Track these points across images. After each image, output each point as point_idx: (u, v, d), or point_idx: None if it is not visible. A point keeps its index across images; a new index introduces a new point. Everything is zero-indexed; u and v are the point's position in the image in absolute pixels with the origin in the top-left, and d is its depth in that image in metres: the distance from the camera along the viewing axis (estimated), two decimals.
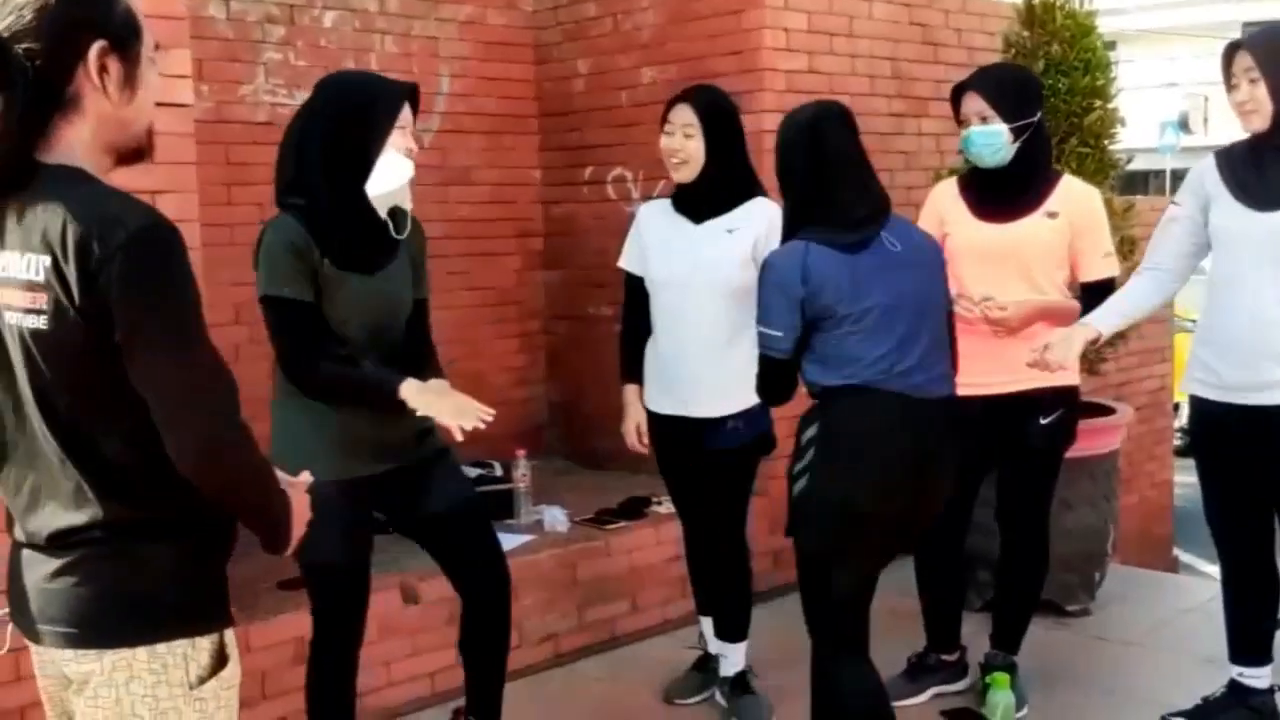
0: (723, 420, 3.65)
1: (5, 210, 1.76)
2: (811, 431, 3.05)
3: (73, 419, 1.78)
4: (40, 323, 1.72)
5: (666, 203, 3.78)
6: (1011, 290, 3.60)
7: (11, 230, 1.75)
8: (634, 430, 3.87)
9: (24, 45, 1.72)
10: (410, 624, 3.98)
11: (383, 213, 2.92)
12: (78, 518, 1.81)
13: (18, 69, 1.71)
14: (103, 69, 1.77)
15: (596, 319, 5.67)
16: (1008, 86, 3.68)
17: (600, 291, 5.60)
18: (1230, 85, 3.36)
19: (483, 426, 2.77)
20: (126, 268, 1.67)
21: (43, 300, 1.71)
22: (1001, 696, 3.70)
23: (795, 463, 3.09)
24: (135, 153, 1.88)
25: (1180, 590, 5.40)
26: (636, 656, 4.43)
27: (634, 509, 4.84)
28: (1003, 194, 3.67)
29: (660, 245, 3.71)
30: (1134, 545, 6.11)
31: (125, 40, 1.80)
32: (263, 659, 3.69)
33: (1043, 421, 3.69)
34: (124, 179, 1.89)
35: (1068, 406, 3.74)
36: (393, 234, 2.96)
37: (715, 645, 3.94)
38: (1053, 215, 3.63)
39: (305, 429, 2.91)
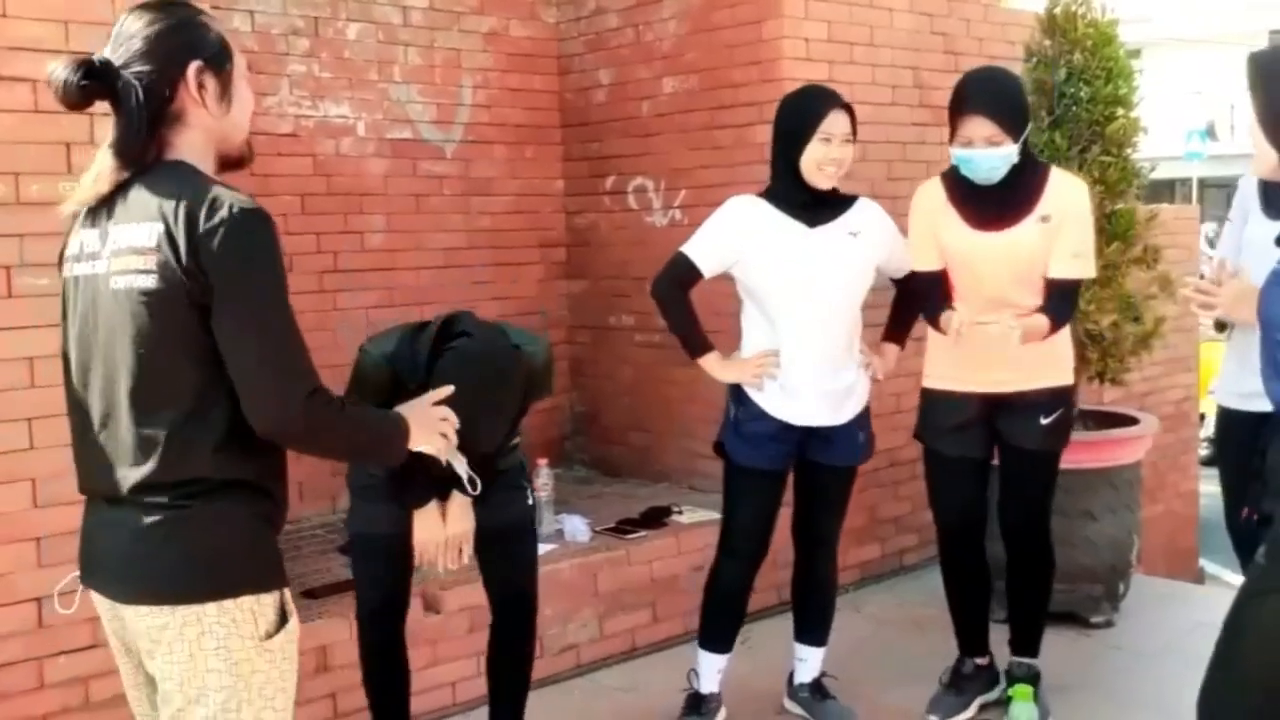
0: (849, 432, 3.67)
1: (122, 194, 2.03)
2: None
3: (160, 373, 1.98)
4: (150, 281, 1.95)
5: (760, 202, 3.59)
6: (1010, 295, 3.60)
7: (125, 208, 2.01)
8: (755, 364, 3.59)
9: (134, 69, 2.01)
10: (431, 633, 3.98)
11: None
12: (154, 473, 1.99)
13: (126, 88, 2.00)
14: (201, 85, 2.05)
15: (618, 329, 5.68)
16: (1015, 105, 3.59)
17: (622, 301, 5.62)
18: None
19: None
20: (228, 236, 1.93)
21: (153, 261, 1.95)
22: (1024, 709, 3.68)
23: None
24: (237, 160, 2.15)
25: (1205, 601, 5.34)
26: (657, 667, 4.42)
27: (655, 518, 4.84)
28: (996, 202, 3.60)
29: (772, 251, 3.53)
30: (1159, 556, 6.07)
31: (219, 60, 2.08)
32: None
33: (1043, 422, 3.68)
34: None
35: (1066, 406, 3.76)
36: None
37: (797, 650, 3.94)
38: (1045, 219, 3.58)
39: None
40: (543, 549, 4.43)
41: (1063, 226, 3.58)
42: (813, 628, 3.92)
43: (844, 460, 3.73)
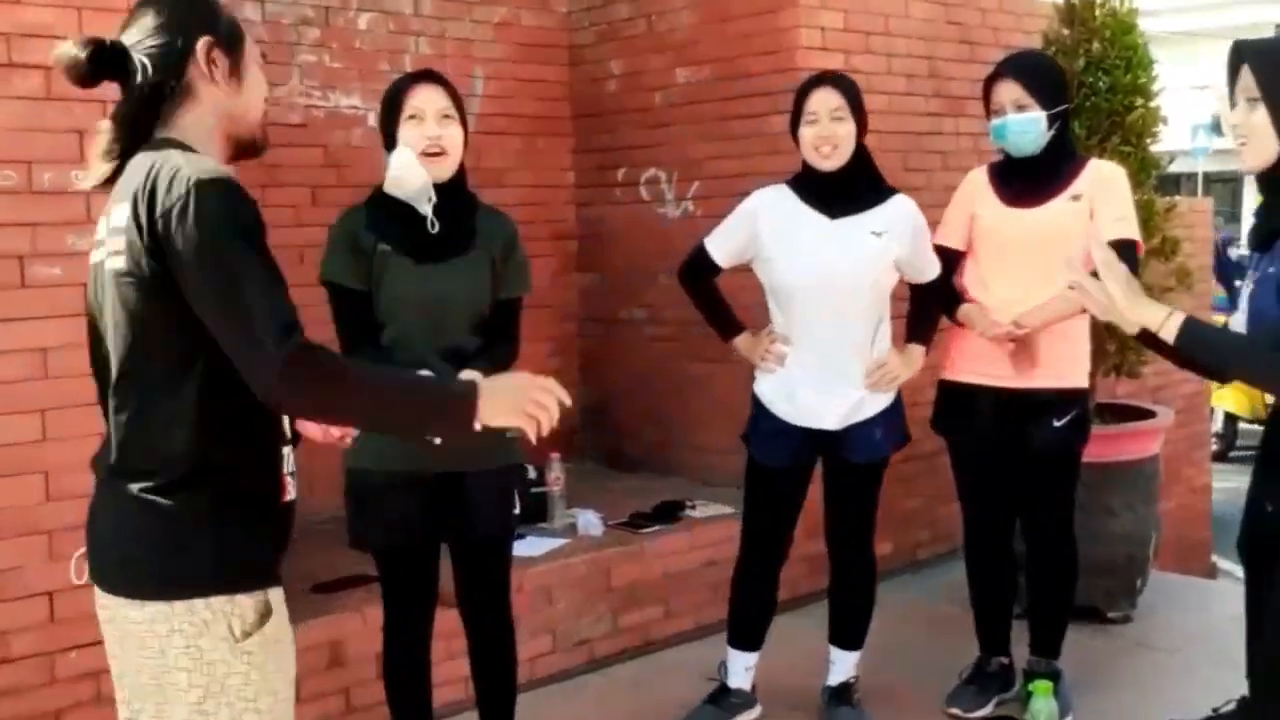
0: (865, 430, 3.57)
1: (121, 173, 1.98)
2: None
3: (133, 357, 1.93)
4: (122, 263, 1.91)
5: (785, 192, 3.55)
6: (1036, 275, 3.58)
7: (117, 188, 1.97)
8: (765, 343, 3.58)
9: (145, 46, 1.97)
10: (446, 628, 3.93)
11: (423, 207, 2.94)
12: (121, 458, 1.94)
13: (134, 64, 1.97)
14: (211, 61, 2.00)
15: (630, 322, 5.64)
16: (1045, 74, 3.66)
17: (634, 294, 5.58)
18: None
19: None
20: (184, 211, 1.84)
21: (123, 242, 1.90)
22: (1043, 704, 3.64)
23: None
24: (251, 144, 2.07)
25: (1221, 597, 5.31)
26: (670, 662, 4.39)
27: (668, 513, 4.80)
28: (1032, 180, 3.66)
29: (788, 243, 3.47)
30: (1172, 551, 6.04)
31: (231, 39, 2.03)
32: (297, 663, 3.66)
33: (1056, 424, 3.66)
34: None
35: (1080, 408, 3.72)
36: (428, 227, 2.96)
37: (830, 652, 3.82)
38: (1076, 198, 3.63)
39: None
40: (556, 543, 4.43)
41: (1095, 200, 3.61)
42: (841, 629, 3.80)
43: (861, 458, 3.61)
